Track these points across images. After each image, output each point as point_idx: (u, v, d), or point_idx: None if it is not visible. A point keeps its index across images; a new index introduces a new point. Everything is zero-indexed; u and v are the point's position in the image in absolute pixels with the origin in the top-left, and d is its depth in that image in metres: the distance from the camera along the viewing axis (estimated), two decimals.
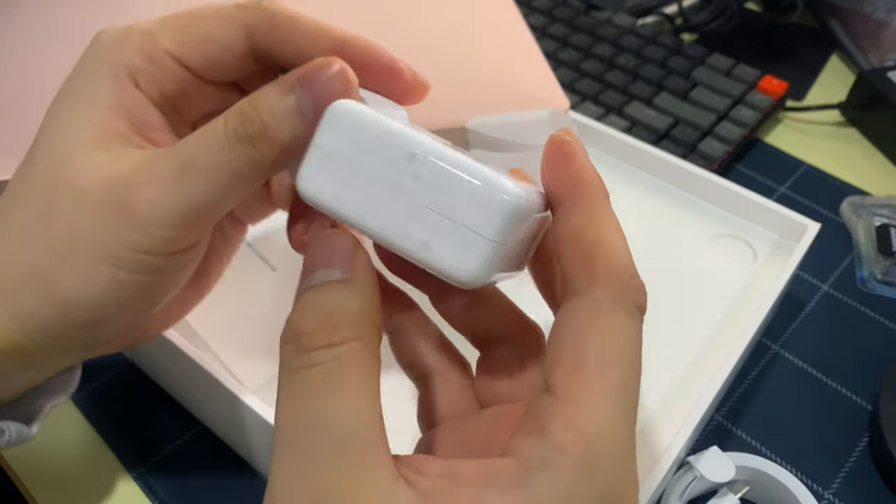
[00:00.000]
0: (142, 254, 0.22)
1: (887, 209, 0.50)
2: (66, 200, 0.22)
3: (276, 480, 0.18)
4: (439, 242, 0.19)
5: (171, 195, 0.22)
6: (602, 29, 0.64)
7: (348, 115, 0.19)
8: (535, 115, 0.41)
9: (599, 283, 0.19)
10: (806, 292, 0.46)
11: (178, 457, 0.35)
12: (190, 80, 0.24)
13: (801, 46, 0.69)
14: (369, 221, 0.19)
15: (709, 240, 0.44)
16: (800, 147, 0.58)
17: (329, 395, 0.18)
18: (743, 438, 0.38)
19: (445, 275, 0.19)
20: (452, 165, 0.19)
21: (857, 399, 0.40)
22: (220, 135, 0.21)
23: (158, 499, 0.34)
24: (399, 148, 0.19)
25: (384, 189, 0.19)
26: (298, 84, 0.21)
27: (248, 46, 0.23)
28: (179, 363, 0.32)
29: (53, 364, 0.26)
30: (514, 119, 0.42)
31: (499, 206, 0.18)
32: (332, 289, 0.19)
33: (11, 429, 0.26)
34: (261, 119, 0.21)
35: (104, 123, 0.23)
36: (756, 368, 0.41)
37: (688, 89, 0.58)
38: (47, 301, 0.23)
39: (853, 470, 0.37)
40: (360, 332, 0.18)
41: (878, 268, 0.47)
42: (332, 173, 0.19)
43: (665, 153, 0.46)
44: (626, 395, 0.18)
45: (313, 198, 0.20)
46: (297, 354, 0.18)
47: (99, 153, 0.22)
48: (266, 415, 0.29)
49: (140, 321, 0.25)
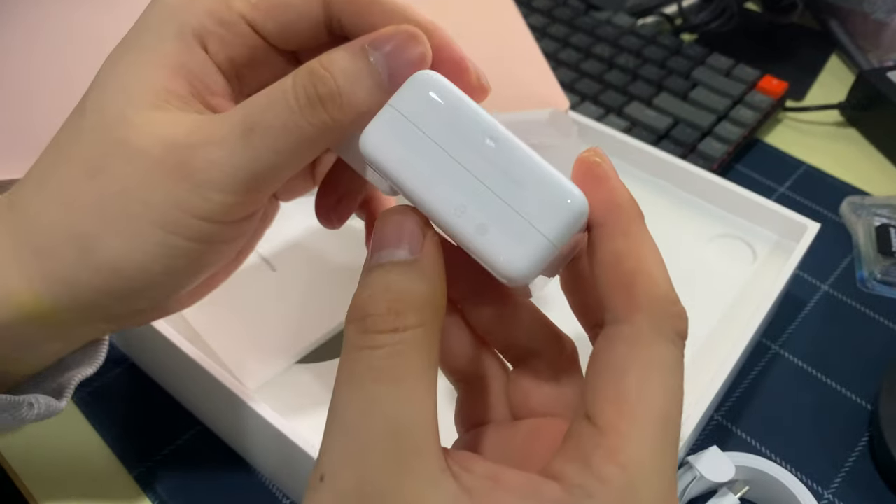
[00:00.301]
0: (199, 219, 0.22)
1: (887, 209, 0.50)
2: (118, 160, 0.21)
3: (326, 457, 0.18)
4: (496, 228, 0.18)
5: (235, 157, 0.21)
6: (602, 29, 0.64)
7: (434, 85, 0.19)
8: (535, 115, 0.41)
9: (640, 312, 0.19)
10: (806, 292, 0.46)
11: (178, 457, 0.35)
12: (260, 47, 0.23)
13: (801, 46, 0.69)
14: (429, 190, 0.19)
15: (708, 240, 0.44)
16: (799, 147, 0.58)
17: (388, 379, 0.17)
18: (743, 438, 0.38)
19: (493, 264, 0.19)
20: (528, 157, 0.18)
21: (857, 399, 0.40)
22: (290, 95, 0.21)
23: (158, 499, 0.34)
24: (479, 127, 0.19)
25: (453, 163, 0.19)
26: (371, 47, 0.20)
27: (324, 15, 0.22)
28: (179, 363, 0.32)
29: (78, 335, 0.25)
30: (514, 119, 0.42)
31: (565, 208, 0.18)
32: (399, 270, 0.19)
33: (41, 402, 0.25)
34: (334, 80, 0.20)
35: (164, 84, 0.22)
36: (756, 368, 0.41)
37: (688, 89, 0.58)
38: (88, 265, 0.22)
39: (853, 470, 0.37)
40: (424, 319, 0.18)
41: (877, 268, 0.47)
42: (402, 135, 0.19)
43: (665, 153, 0.46)
44: (668, 427, 0.18)
45: (377, 155, 0.19)
46: (363, 335, 0.18)
47: (156, 113, 0.21)
48: (266, 415, 0.29)
49: (176, 295, 0.24)
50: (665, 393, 0.18)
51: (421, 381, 0.18)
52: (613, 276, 0.19)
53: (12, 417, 0.25)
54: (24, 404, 0.25)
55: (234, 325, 0.37)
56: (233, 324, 0.37)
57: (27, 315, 0.23)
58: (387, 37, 0.21)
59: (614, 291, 0.19)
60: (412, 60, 0.20)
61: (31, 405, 0.25)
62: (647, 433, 0.18)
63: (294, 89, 0.21)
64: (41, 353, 0.25)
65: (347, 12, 0.22)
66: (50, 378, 0.27)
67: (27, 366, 0.26)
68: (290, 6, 0.22)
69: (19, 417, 0.25)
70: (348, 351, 0.18)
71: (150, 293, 0.23)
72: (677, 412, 0.18)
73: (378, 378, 0.18)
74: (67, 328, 0.24)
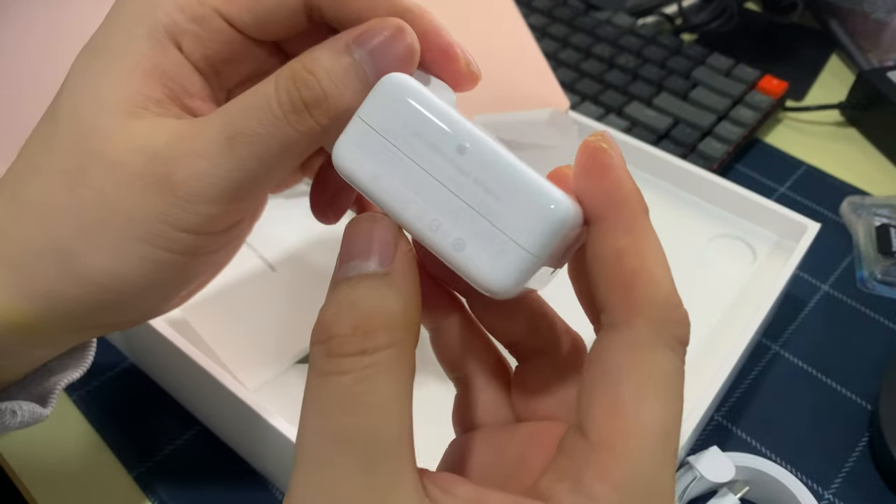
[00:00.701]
0: (184, 232, 0.21)
1: (887, 209, 0.50)
2: (96, 172, 0.20)
3: (296, 493, 0.17)
4: (473, 243, 0.17)
5: (219, 167, 0.20)
6: (602, 29, 0.64)
7: (401, 91, 0.18)
8: (535, 115, 0.41)
9: (639, 316, 0.17)
10: (806, 292, 0.46)
11: (177, 457, 0.35)
12: (237, 41, 0.22)
13: (801, 46, 0.69)
14: (403, 208, 0.18)
15: (708, 240, 0.44)
16: (800, 147, 0.58)
17: (358, 407, 0.16)
18: (743, 438, 0.38)
19: (473, 279, 0.18)
20: (502, 165, 0.17)
21: (857, 399, 0.40)
22: (273, 100, 0.19)
23: (158, 499, 0.34)
24: (450, 137, 0.17)
25: (426, 176, 0.18)
26: (355, 44, 0.19)
27: (303, 3, 0.21)
28: (179, 363, 0.32)
29: (65, 342, 0.24)
30: (514, 118, 0.42)
31: (544, 217, 0.17)
32: (368, 285, 0.17)
33: (24, 409, 0.24)
34: (319, 83, 0.19)
35: (138, 89, 0.21)
36: (756, 368, 0.41)
37: (688, 89, 0.58)
38: (71, 280, 0.21)
39: (853, 470, 0.37)
40: (396, 338, 0.17)
41: (877, 268, 0.47)
42: (372, 150, 0.18)
43: (665, 153, 0.46)
44: (666, 443, 0.17)
45: (349, 173, 0.18)
46: (327, 358, 0.17)
47: (133, 122, 0.20)
48: (265, 415, 0.29)
49: (165, 304, 0.24)
50: (663, 406, 0.17)
51: (394, 406, 0.16)
52: (612, 274, 0.18)
53: None
54: (7, 412, 0.24)
55: (234, 326, 0.37)
56: (233, 324, 0.37)
57: (9, 327, 0.22)
58: (371, 32, 0.19)
59: (612, 291, 0.18)
60: (399, 55, 0.19)
61: (14, 413, 0.24)
62: (642, 450, 0.16)
63: (277, 94, 0.19)
64: (25, 359, 0.24)
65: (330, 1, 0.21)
66: (34, 383, 0.26)
67: (10, 372, 0.25)
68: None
69: (2, 425, 0.24)
70: (313, 376, 0.17)
71: (138, 304, 0.22)
72: (676, 426, 0.17)
73: (346, 408, 0.16)
74: (53, 336, 0.23)
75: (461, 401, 0.23)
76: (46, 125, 0.22)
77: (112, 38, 0.21)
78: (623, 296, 0.18)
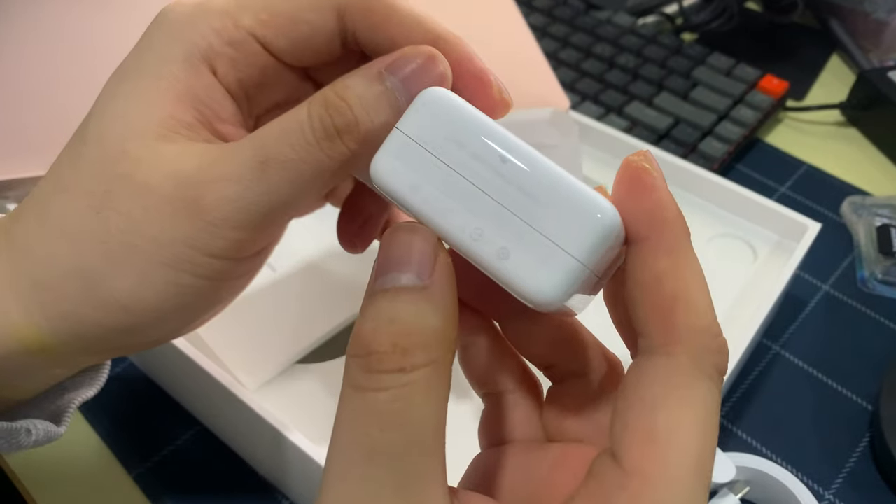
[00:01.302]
0: (210, 257, 0.21)
1: (888, 209, 0.50)
2: (123, 196, 0.20)
3: None
4: (518, 252, 0.17)
5: (250, 192, 0.20)
6: (602, 29, 0.64)
7: (442, 104, 0.18)
8: (536, 115, 0.41)
9: (679, 345, 0.17)
10: (806, 292, 0.46)
11: (177, 457, 0.35)
12: (271, 66, 0.22)
13: (802, 46, 0.69)
14: (445, 217, 0.17)
15: (709, 240, 0.44)
16: (800, 147, 0.58)
17: (395, 425, 0.16)
18: (743, 438, 0.38)
19: (518, 290, 0.17)
20: (547, 173, 0.17)
21: (858, 399, 0.40)
22: (306, 126, 0.19)
23: (158, 499, 0.34)
24: (493, 146, 0.17)
25: (468, 186, 0.17)
26: (388, 71, 0.19)
27: (339, 28, 0.21)
28: (180, 363, 0.32)
29: (81, 362, 0.24)
30: (515, 118, 0.42)
31: (592, 224, 0.17)
32: (407, 299, 0.17)
33: (39, 428, 0.24)
34: (351, 109, 0.19)
35: (170, 112, 0.21)
36: (756, 368, 0.41)
37: (688, 89, 0.58)
38: (94, 302, 0.21)
39: (853, 470, 0.37)
40: (435, 356, 0.17)
41: (878, 268, 0.47)
42: (413, 162, 0.18)
43: (665, 153, 0.46)
44: (700, 472, 0.16)
45: (388, 184, 0.18)
46: (365, 374, 0.17)
47: (163, 145, 0.20)
48: (266, 415, 0.29)
49: (187, 328, 0.24)
50: (699, 436, 0.17)
51: (429, 423, 0.17)
52: (652, 299, 0.17)
53: (8, 444, 0.24)
54: (22, 431, 0.24)
55: (234, 325, 0.37)
56: (233, 324, 0.37)
57: (27, 348, 0.22)
58: (404, 59, 0.20)
59: (652, 317, 0.17)
60: (431, 83, 0.19)
61: (29, 431, 0.24)
62: (677, 480, 0.16)
63: (310, 120, 0.19)
64: (41, 379, 0.24)
65: (363, 26, 0.21)
66: (48, 401, 0.25)
67: (24, 391, 0.25)
68: (303, 21, 0.21)
69: (16, 444, 0.24)
70: (350, 390, 0.17)
71: (158, 328, 0.22)
72: (711, 458, 0.17)
73: (383, 425, 0.16)
74: (70, 358, 0.23)
75: (489, 416, 0.23)
76: (75, 146, 0.22)
77: (145, 59, 0.21)
78: (662, 322, 0.17)
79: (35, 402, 0.25)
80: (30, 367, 0.23)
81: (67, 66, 0.45)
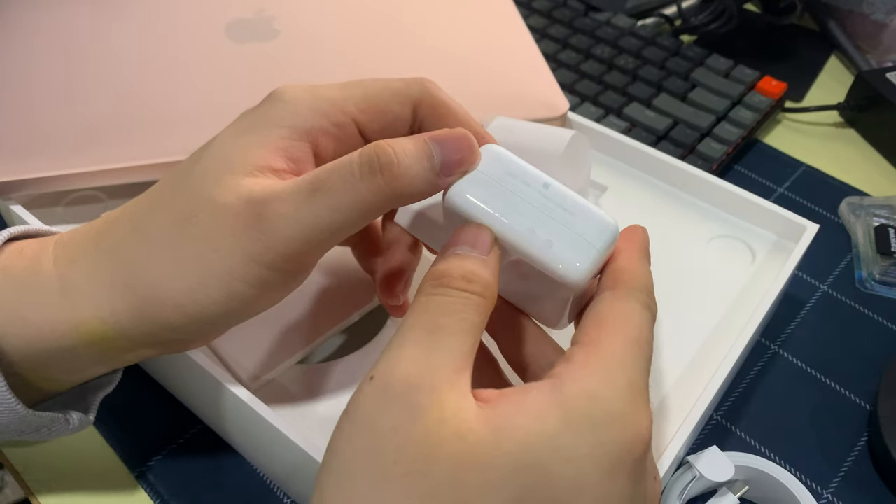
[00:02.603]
0: (261, 266, 0.25)
1: (886, 210, 0.50)
2: (203, 213, 0.25)
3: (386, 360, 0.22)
4: (559, 242, 0.25)
5: (300, 212, 0.24)
6: (601, 30, 0.64)
7: (501, 151, 0.26)
8: (552, 145, 0.40)
9: (622, 284, 0.25)
10: (805, 292, 0.46)
11: (178, 456, 0.36)
12: (358, 141, 0.27)
13: (800, 47, 0.69)
14: (507, 221, 0.25)
15: (707, 240, 0.44)
16: (798, 148, 0.58)
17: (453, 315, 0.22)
18: (742, 438, 0.38)
19: (558, 270, 0.25)
20: (574, 196, 0.26)
21: (856, 399, 0.40)
22: (354, 164, 0.24)
23: (159, 498, 0.34)
24: (538, 177, 0.26)
25: (523, 202, 0.25)
26: (431, 139, 0.25)
27: (412, 118, 0.28)
28: (179, 363, 0.33)
29: (121, 360, 0.28)
30: (530, 141, 0.40)
31: (607, 227, 0.26)
32: (473, 259, 0.24)
33: (74, 417, 0.29)
34: (395, 153, 0.24)
35: (267, 159, 0.25)
36: (755, 368, 0.42)
37: (687, 90, 0.58)
38: (154, 300, 0.25)
39: (852, 470, 0.37)
40: (486, 294, 0.23)
41: (876, 268, 0.47)
42: (483, 186, 0.25)
43: (664, 154, 0.46)
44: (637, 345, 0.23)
45: (463, 202, 0.25)
46: (437, 286, 0.23)
47: (249, 179, 0.25)
48: (266, 415, 0.29)
49: (222, 331, 0.28)
50: (637, 326, 0.23)
51: (473, 328, 0.23)
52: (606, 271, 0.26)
53: (49, 431, 0.28)
54: (61, 420, 0.28)
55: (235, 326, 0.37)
56: None
57: (89, 341, 0.26)
58: (445, 134, 0.25)
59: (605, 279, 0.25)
60: (461, 151, 0.25)
61: (68, 420, 0.28)
62: (619, 344, 0.23)
63: (360, 159, 0.24)
64: (82, 375, 0.28)
65: (430, 116, 0.28)
66: (77, 396, 0.30)
67: (58, 384, 0.28)
68: (389, 111, 0.27)
69: (56, 431, 0.28)
70: (421, 296, 0.23)
71: (202, 328, 0.26)
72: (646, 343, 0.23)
73: (446, 313, 0.22)
74: (116, 354, 0.27)
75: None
76: (179, 177, 0.26)
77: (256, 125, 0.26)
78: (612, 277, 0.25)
79: (63, 399, 0.29)
80: (82, 362, 0.27)
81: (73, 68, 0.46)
